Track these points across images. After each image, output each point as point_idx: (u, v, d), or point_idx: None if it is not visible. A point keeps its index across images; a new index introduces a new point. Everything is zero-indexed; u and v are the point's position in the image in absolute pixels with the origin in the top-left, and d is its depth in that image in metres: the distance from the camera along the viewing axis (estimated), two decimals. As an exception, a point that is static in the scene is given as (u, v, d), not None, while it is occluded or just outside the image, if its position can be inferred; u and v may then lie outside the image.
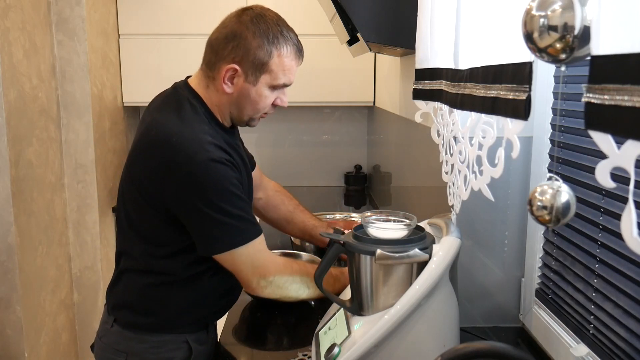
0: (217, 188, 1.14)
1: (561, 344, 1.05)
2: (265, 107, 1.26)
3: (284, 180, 3.23)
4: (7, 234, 1.99)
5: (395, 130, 2.22)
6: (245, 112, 1.25)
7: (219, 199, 1.14)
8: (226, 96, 1.22)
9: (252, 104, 1.23)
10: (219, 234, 1.17)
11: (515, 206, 1.24)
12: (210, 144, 1.15)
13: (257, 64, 1.18)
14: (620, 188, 0.63)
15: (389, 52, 1.89)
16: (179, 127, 1.16)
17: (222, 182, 1.14)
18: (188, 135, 1.14)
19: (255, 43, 1.17)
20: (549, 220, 0.61)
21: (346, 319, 1.04)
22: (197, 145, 1.13)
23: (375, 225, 1.02)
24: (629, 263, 0.84)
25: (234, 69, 1.18)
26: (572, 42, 0.53)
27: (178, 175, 1.13)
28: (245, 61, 1.17)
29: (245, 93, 1.21)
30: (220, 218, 1.15)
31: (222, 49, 1.18)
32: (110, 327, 1.28)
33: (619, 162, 0.47)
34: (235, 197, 1.17)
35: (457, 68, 1.00)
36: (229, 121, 1.28)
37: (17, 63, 2.03)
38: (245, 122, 1.28)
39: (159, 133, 1.16)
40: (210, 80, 1.22)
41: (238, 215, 1.17)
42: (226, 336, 1.32)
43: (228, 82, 1.19)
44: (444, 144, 1.15)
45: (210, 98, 1.23)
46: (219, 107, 1.24)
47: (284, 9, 2.79)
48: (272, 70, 1.19)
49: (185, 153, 1.12)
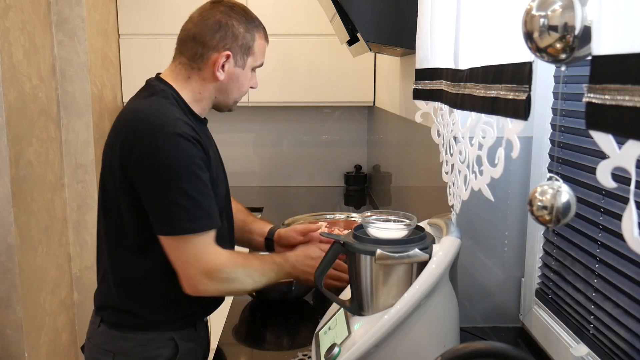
0: (178, 164, 1.14)
1: (561, 344, 1.05)
2: (246, 89, 1.34)
3: (284, 181, 3.24)
4: (7, 234, 1.99)
5: (395, 130, 2.22)
6: (232, 95, 1.31)
7: (178, 175, 1.14)
8: (216, 83, 1.27)
9: (238, 87, 1.31)
10: (169, 215, 1.15)
11: (515, 206, 1.24)
12: (179, 120, 1.17)
13: (244, 48, 1.27)
14: (621, 188, 0.63)
15: (389, 52, 1.89)
16: (147, 105, 1.21)
17: (185, 158, 1.14)
18: (156, 111, 1.18)
19: (242, 28, 1.26)
20: (549, 220, 0.61)
21: (346, 319, 1.04)
22: (164, 119, 1.16)
23: (375, 225, 1.02)
24: (629, 263, 0.84)
25: (227, 55, 1.25)
26: (572, 42, 0.53)
27: (142, 145, 1.15)
28: (235, 47, 1.26)
29: (234, 77, 1.28)
30: (175, 198, 1.14)
31: (209, 39, 1.24)
32: (97, 327, 1.28)
33: (620, 162, 0.47)
34: (196, 178, 1.16)
35: (457, 68, 1.00)
36: (207, 111, 1.33)
37: (17, 63, 2.03)
38: (230, 106, 1.35)
39: (128, 113, 1.23)
40: (195, 72, 1.26)
41: (194, 199, 1.15)
42: (226, 336, 1.32)
43: (220, 69, 1.25)
44: (444, 144, 1.15)
45: (191, 89, 1.27)
46: (202, 95, 1.28)
47: (284, 9, 2.81)
48: (254, 52, 1.30)
49: (152, 124, 1.15)
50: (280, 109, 3.15)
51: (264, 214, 2.61)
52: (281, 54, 2.80)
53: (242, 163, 3.18)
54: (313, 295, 1.54)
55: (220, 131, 3.14)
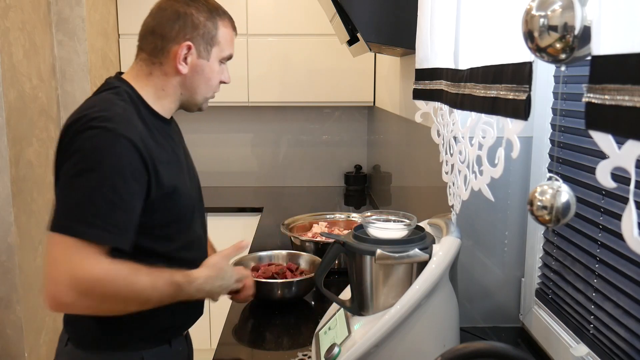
0: (102, 161, 1.02)
1: (561, 344, 1.05)
2: (216, 84, 1.24)
3: (283, 181, 3.25)
4: (7, 234, 1.98)
5: (395, 130, 2.22)
6: (199, 91, 1.21)
7: (95, 172, 1.02)
8: (178, 78, 1.18)
9: (205, 82, 1.21)
10: (64, 209, 1.04)
11: (515, 206, 1.24)
12: (124, 119, 1.07)
13: (207, 37, 1.18)
14: (621, 188, 0.63)
15: (389, 52, 1.89)
16: (93, 102, 1.12)
17: (113, 160, 1.03)
18: (100, 106, 1.09)
19: (202, 17, 1.17)
20: (549, 220, 0.61)
21: (346, 319, 1.04)
22: (107, 114, 1.06)
23: (375, 225, 1.02)
24: (629, 263, 0.84)
25: (187, 46, 1.16)
26: (572, 42, 0.53)
27: (75, 135, 1.05)
28: (196, 37, 1.17)
29: (199, 70, 1.19)
30: (79, 193, 1.02)
31: (168, 31, 1.16)
32: (64, 346, 1.19)
33: (620, 162, 0.47)
34: (114, 184, 1.03)
35: (457, 68, 1.00)
36: (172, 110, 1.23)
37: (17, 63, 2.03)
38: (199, 104, 1.24)
39: (75, 111, 1.12)
40: (157, 67, 1.18)
41: (98, 204, 1.01)
42: (226, 336, 1.32)
43: (182, 62, 1.17)
44: (444, 144, 1.15)
45: (153, 85, 1.19)
46: (166, 92, 1.19)
47: (284, 9, 2.81)
48: (219, 42, 1.20)
49: (91, 118, 1.05)
50: (280, 109, 3.15)
51: (264, 214, 2.61)
52: (281, 54, 2.80)
53: (241, 163, 3.18)
54: (313, 295, 1.54)
55: (220, 131, 3.15)
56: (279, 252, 1.68)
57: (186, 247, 1.20)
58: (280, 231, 1.90)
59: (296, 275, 1.54)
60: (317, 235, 1.88)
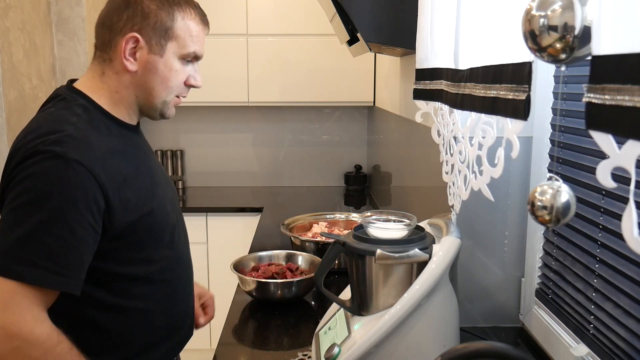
0: (49, 192, 0.89)
1: (561, 344, 1.05)
2: (178, 85, 1.06)
3: (284, 181, 3.25)
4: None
5: (395, 130, 2.22)
6: (155, 92, 1.04)
7: (40, 204, 0.89)
8: (129, 76, 1.03)
9: (161, 81, 1.03)
10: (4, 245, 0.88)
11: (515, 206, 1.24)
12: (73, 139, 0.93)
13: (160, 29, 1.01)
14: (621, 188, 0.63)
15: (389, 52, 1.89)
16: (38, 123, 0.97)
17: (62, 190, 0.90)
18: (46, 126, 0.95)
19: (154, 5, 1.01)
20: (549, 220, 0.61)
21: (346, 319, 1.04)
22: (55, 138, 0.92)
23: (375, 225, 1.02)
24: (629, 263, 0.84)
25: (134, 38, 1.00)
26: (572, 42, 0.53)
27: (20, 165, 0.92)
28: (145, 28, 1.00)
29: (151, 67, 1.02)
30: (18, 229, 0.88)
31: (116, 21, 1.01)
32: None
33: (620, 162, 0.47)
34: (64, 219, 0.89)
35: (457, 68, 1.00)
36: (133, 115, 1.09)
37: (17, 63, 2.03)
38: (159, 108, 1.07)
39: (18, 136, 0.99)
40: (107, 65, 1.03)
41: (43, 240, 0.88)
42: (226, 336, 1.32)
43: (130, 58, 1.01)
44: (444, 144, 1.15)
45: (107, 88, 1.04)
46: (120, 95, 1.04)
47: (284, 9, 2.81)
48: (178, 35, 1.02)
49: (32, 140, 0.93)
50: (280, 109, 3.15)
51: (264, 214, 2.61)
52: (281, 54, 2.80)
53: (242, 163, 3.18)
54: (313, 295, 1.54)
55: (220, 131, 3.15)
56: (279, 252, 1.68)
57: (169, 268, 1.11)
58: (280, 231, 1.90)
59: (296, 275, 1.54)
60: (317, 235, 1.88)
